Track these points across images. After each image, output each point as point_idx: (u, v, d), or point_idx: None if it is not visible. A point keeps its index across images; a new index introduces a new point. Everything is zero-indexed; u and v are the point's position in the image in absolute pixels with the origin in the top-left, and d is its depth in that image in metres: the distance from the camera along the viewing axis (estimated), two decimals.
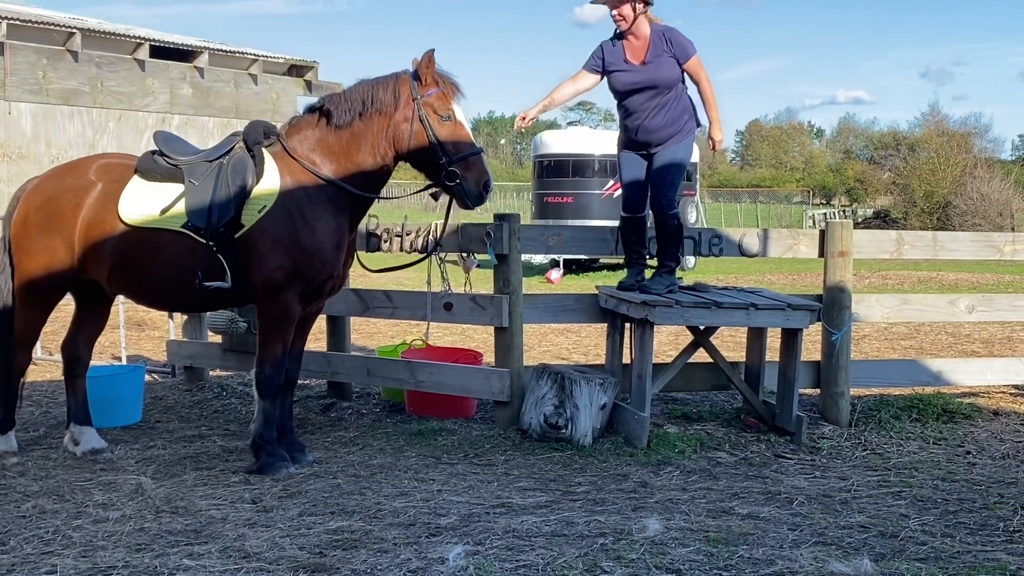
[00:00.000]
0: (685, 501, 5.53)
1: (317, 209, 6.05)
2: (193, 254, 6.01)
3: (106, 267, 6.19)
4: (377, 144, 6.08)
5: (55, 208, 6.27)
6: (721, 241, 7.75)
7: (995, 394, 8.54)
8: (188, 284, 6.04)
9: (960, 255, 8.66)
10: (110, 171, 6.37)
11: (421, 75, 6.03)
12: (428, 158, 6.05)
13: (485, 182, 6.01)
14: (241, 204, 5.96)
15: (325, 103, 6.17)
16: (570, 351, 11.26)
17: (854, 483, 5.97)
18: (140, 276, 6.20)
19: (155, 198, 6.10)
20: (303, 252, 5.99)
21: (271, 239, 5.97)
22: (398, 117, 6.03)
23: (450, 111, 6.03)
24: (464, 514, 5.23)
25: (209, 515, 5.25)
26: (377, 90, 6.06)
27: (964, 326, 12.89)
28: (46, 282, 6.35)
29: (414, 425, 7.38)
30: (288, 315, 6.14)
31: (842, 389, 7.53)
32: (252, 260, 5.98)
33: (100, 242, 6.16)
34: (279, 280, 6.00)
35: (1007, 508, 5.43)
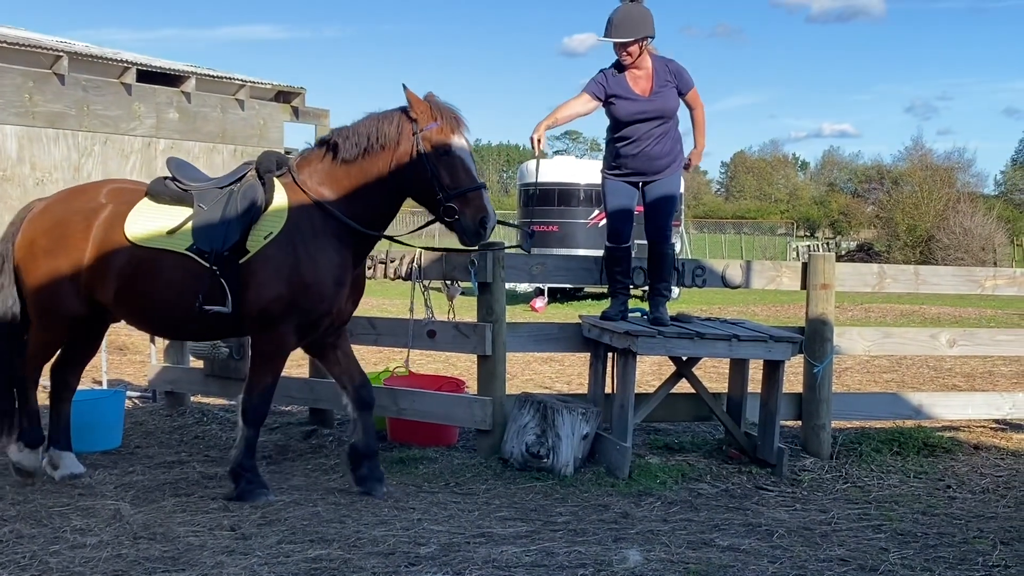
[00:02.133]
0: (666, 532, 5.52)
1: (320, 242, 6.02)
2: (196, 277, 5.98)
3: (112, 287, 6.14)
4: (382, 179, 6.06)
5: (64, 231, 6.24)
6: (704, 272, 7.78)
7: (976, 428, 8.56)
8: (189, 308, 6.00)
9: (942, 289, 8.69)
10: (121, 194, 6.36)
11: (421, 109, 5.98)
12: (427, 193, 6.01)
13: (482, 218, 5.91)
14: (247, 228, 5.95)
15: (334, 136, 6.16)
16: (553, 380, 11.26)
17: (834, 516, 5.98)
18: (142, 297, 6.16)
19: (162, 219, 6.10)
20: (302, 284, 5.96)
21: (272, 268, 5.95)
22: (400, 152, 5.99)
23: (449, 146, 5.96)
24: (444, 543, 5.21)
25: (187, 542, 5.22)
26: (382, 124, 6.03)
27: (946, 360, 12.94)
28: (58, 305, 6.30)
29: (395, 453, 7.37)
30: (282, 347, 6.12)
31: (823, 421, 7.54)
32: (250, 287, 5.96)
33: (107, 262, 6.13)
34: (276, 311, 5.97)
35: (987, 543, 5.43)
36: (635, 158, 7.01)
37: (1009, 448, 7.93)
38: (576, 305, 21.90)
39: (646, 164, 6.99)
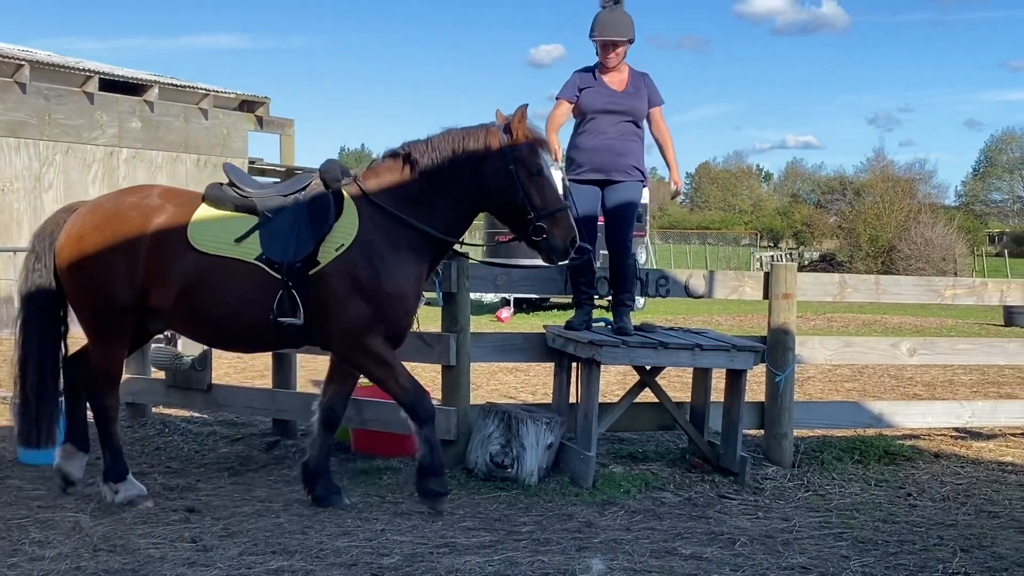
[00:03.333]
0: (629, 541, 5.53)
1: (400, 253, 5.97)
2: (263, 288, 5.88)
3: (172, 293, 5.96)
4: (462, 194, 6.05)
5: (118, 226, 6.02)
6: (668, 282, 7.81)
7: (936, 436, 8.63)
8: (254, 318, 5.92)
9: (902, 299, 8.77)
10: (175, 196, 6.24)
11: (513, 129, 5.97)
12: (516, 212, 6.01)
13: (572, 238, 5.99)
14: (320, 241, 5.87)
15: (408, 149, 6.11)
16: (518, 390, 11.25)
17: (796, 524, 6.00)
18: (205, 306, 5.99)
19: (227, 227, 5.96)
20: (386, 296, 5.91)
21: (350, 281, 5.87)
22: (487, 169, 5.98)
23: (540, 166, 6.00)
24: (407, 554, 5.19)
25: (148, 554, 5.17)
26: (467, 141, 6.02)
27: (906, 369, 13.03)
28: (114, 310, 6.07)
29: (359, 463, 7.33)
30: (383, 355, 6.02)
31: (786, 430, 7.58)
32: (330, 301, 5.88)
33: (167, 266, 5.94)
34: (363, 325, 5.91)
35: (947, 550, 5.47)
36: (597, 151, 7.05)
37: (969, 456, 8.01)
38: (542, 315, 21.91)
39: (608, 159, 7.03)
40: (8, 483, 6.74)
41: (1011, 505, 6.55)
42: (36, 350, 6.19)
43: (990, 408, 8.58)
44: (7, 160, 16.74)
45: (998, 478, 7.34)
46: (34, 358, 6.18)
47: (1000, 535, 5.81)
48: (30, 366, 6.18)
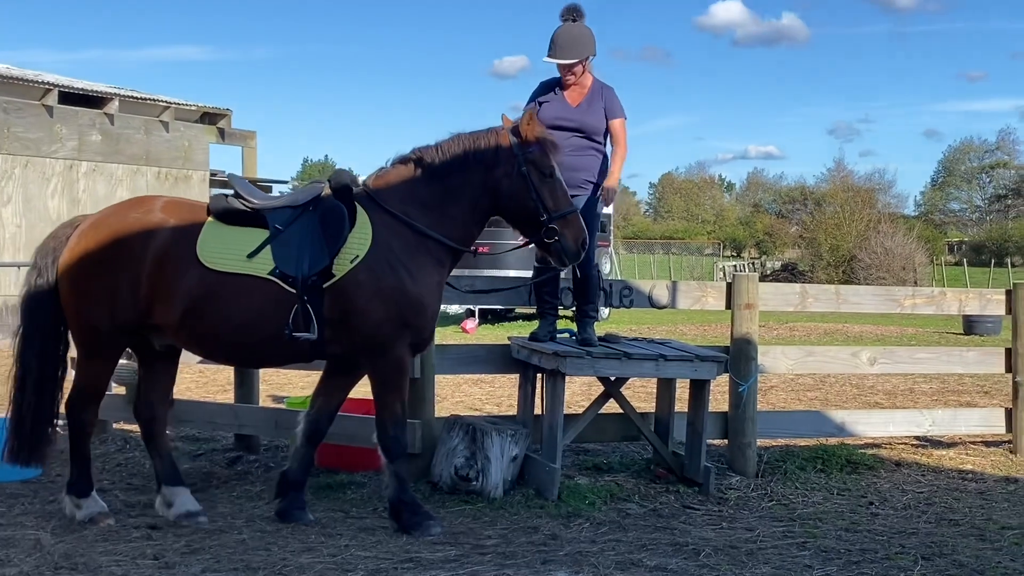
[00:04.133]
0: (594, 553, 5.52)
1: (418, 261, 5.89)
2: (276, 303, 5.74)
3: (177, 311, 5.78)
4: (474, 197, 6.00)
5: (120, 245, 5.85)
6: (632, 293, 7.84)
7: (897, 445, 8.70)
8: (266, 334, 5.79)
9: (863, 308, 8.85)
10: (179, 209, 6.05)
11: (524, 131, 5.95)
12: (528, 214, 5.99)
13: (583, 240, 6.00)
14: (337, 251, 5.77)
15: (418, 154, 6.05)
16: (483, 402, 11.23)
17: (760, 534, 6.02)
18: (214, 323, 5.81)
19: (238, 242, 5.81)
20: (410, 303, 5.83)
21: (371, 291, 5.77)
22: (499, 172, 5.95)
23: (552, 167, 5.98)
24: (371, 569, 5.17)
25: (109, 571, 5.11)
26: (478, 144, 5.98)
27: (868, 378, 13.13)
28: (111, 328, 5.89)
29: (322, 478, 7.29)
30: (403, 369, 5.96)
31: (749, 440, 7.61)
32: (352, 313, 5.78)
33: (173, 283, 5.77)
34: (388, 333, 5.82)
35: (908, 559, 5.52)
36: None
37: (930, 464, 8.07)
38: (507, 326, 21.91)
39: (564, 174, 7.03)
40: None
41: (971, 513, 6.61)
42: (35, 368, 6.03)
43: (950, 417, 8.66)
44: None
45: (958, 486, 7.41)
46: (32, 376, 6.03)
47: (961, 543, 5.86)
48: (28, 383, 6.04)
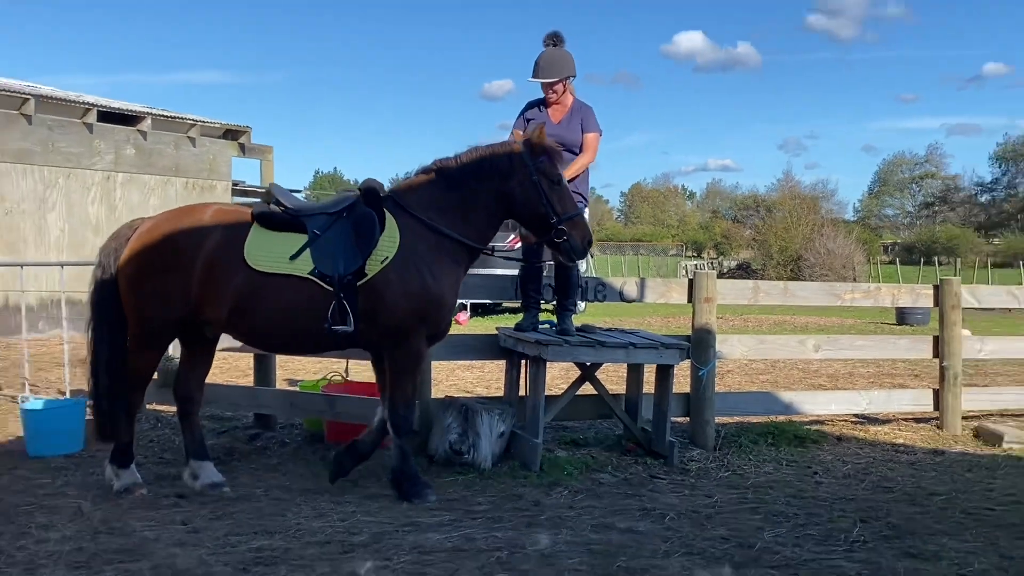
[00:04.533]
0: (572, 518, 5.53)
1: (439, 261, 5.89)
2: (315, 300, 5.74)
3: (226, 308, 5.79)
4: (491, 203, 5.99)
5: (173, 248, 5.82)
6: (605, 288, 7.85)
7: (838, 422, 8.72)
8: (309, 327, 5.78)
9: (808, 301, 8.86)
10: (227, 215, 6.01)
11: (534, 144, 5.95)
12: (539, 217, 6.00)
13: (588, 239, 6.03)
14: (368, 256, 5.77)
15: (440, 164, 6.05)
16: (474, 385, 11.22)
17: (718, 500, 6.04)
18: (261, 318, 5.81)
19: (279, 245, 5.81)
20: (431, 300, 5.82)
21: (401, 288, 5.77)
22: (513, 181, 5.94)
23: (560, 176, 6.00)
24: (375, 532, 5.16)
25: (143, 535, 5.10)
26: (492, 156, 5.98)
27: (813, 363, 13.16)
28: (163, 322, 5.89)
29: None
30: (418, 359, 5.97)
31: (708, 418, 7.63)
32: (380, 308, 5.76)
33: (222, 283, 5.76)
34: (410, 325, 5.81)
35: (848, 521, 5.53)
36: None
37: (867, 439, 8.10)
38: (495, 318, 21.89)
39: None
40: (16, 474, 6.62)
41: (903, 481, 6.63)
42: (105, 355, 6.00)
43: (885, 397, 8.69)
44: (15, 184, 16.46)
45: (892, 458, 7.44)
46: (103, 362, 6.00)
47: (894, 507, 5.88)
48: (100, 369, 6.02)
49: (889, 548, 4.98)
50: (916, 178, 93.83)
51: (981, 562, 4.74)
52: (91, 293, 6.13)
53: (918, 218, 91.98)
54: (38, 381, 10.58)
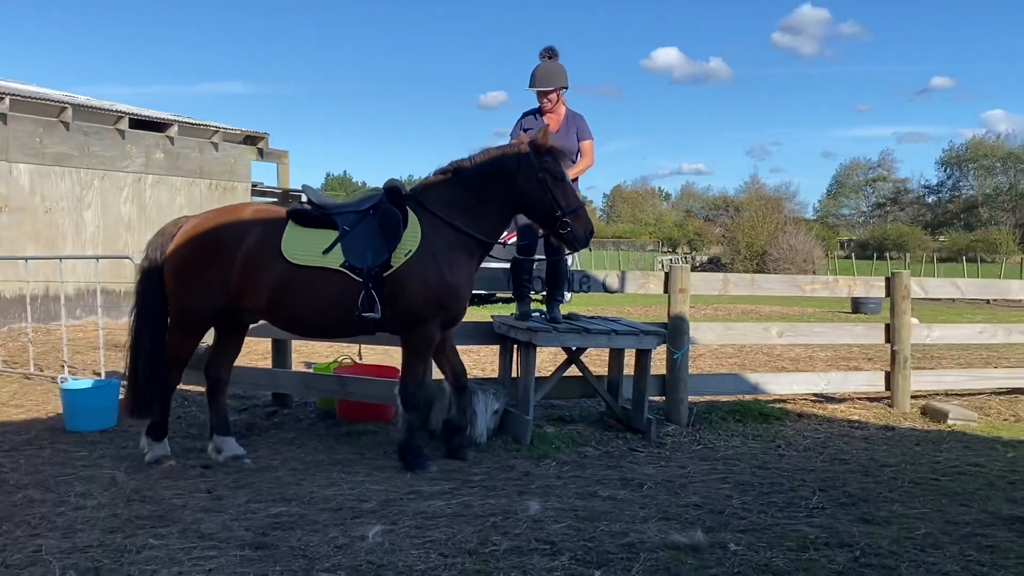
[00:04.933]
0: (559, 487, 5.54)
1: (456, 254, 5.90)
2: (346, 289, 5.76)
3: (264, 298, 5.80)
4: (501, 200, 5.99)
5: (216, 246, 5.84)
6: (589, 280, 7.84)
7: (799, 400, 8.74)
8: (340, 314, 5.80)
9: (773, 292, 8.87)
10: (264, 214, 6.02)
11: (539, 145, 5.95)
12: (545, 210, 5.98)
13: (590, 230, 6.03)
14: (393, 249, 5.78)
15: (455, 165, 6.06)
16: (471, 368, 11.14)
17: (691, 471, 6.05)
18: (297, 307, 5.82)
19: (313, 240, 5.82)
20: (447, 290, 5.83)
21: (421, 278, 5.78)
22: (521, 179, 5.93)
23: (563, 173, 6.00)
24: (383, 500, 5.17)
25: (171, 503, 5.10)
26: (502, 157, 5.98)
27: (776, 347, 13.17)
28: (204, 311, 5.90)
29: (343, 428, 7.28)
30: (430, 342, 5.96)
31: (682, 397, 7.64)
32: (401, 296, 5.77)
33: (260, 276, 5.77)
34: (426, 313, 5.82)
35: (808, 490, 5.55)
36: None
37: (825, 415, 8.12)
38: (490, 307, 21.87)
39: None
40: (57, 447, 6.60)
41: (858, 454, 6.65)
42: (146, 340, 6.01)
43: (841, 378, 8.71)
44: (54, 185, 16.37)
45: (848, 433, 7.45)
46: (143, 346, 6.01)
47: (850, 478, 5.90)
48: (140, 353, 6.02)
49: (845, 514, 5.00)
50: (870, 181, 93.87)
51: (927, 526, 4.77)
52: (137, 283, 6.13)
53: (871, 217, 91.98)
54: (76, 363, 10.55)
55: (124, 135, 17.59)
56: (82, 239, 16.83)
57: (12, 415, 7.90)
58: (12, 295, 14.96)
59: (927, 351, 12.72)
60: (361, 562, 4.07)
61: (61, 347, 10.09)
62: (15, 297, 14.81)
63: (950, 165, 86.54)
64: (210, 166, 19.52)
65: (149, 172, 18.14)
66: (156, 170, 18.28)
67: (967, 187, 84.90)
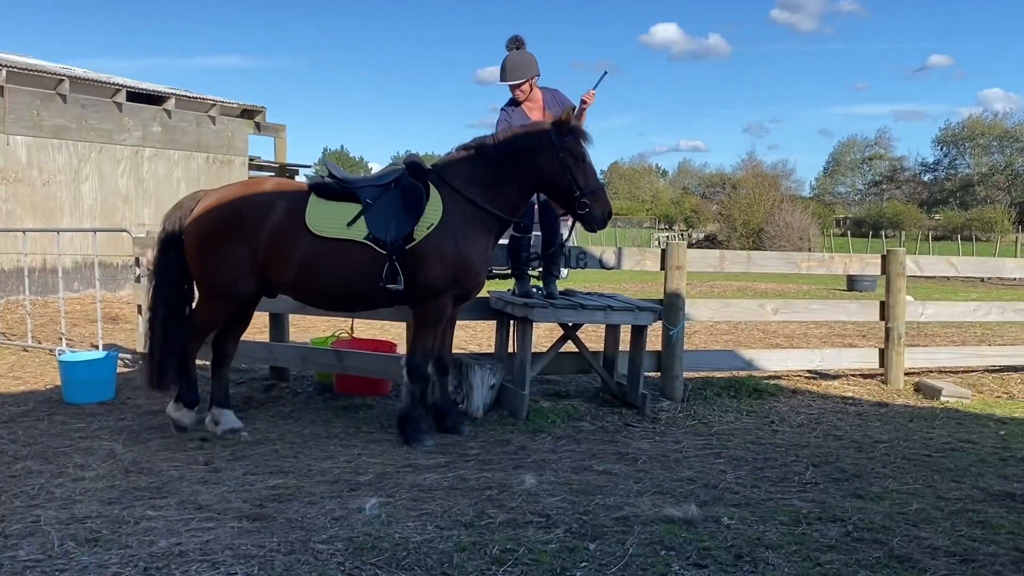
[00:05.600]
0: (555, 460, 5.56)
1: (473, 230, 5.91)
2: (370, 262, 5.77)
3: (292, 271, 5.81)
4: (522, 178, 5.99)
5: (241, 219, 5.82)
6: (586, 257, 7.83)
7: (794, 377, 8.76)
8: (364, 286, 5.82)
9: (768, 269, 8.86)
10: (287, 187, 6.02)
11: (562, 125, 5.93)
12: (564, 190, 5.98)
13: (608, 211, 6.02)
14: (416, 222, 5.79)
15: (477, 142, 6.06)
16: (467, 342, 11.21)
17: (685, 446, 6.07)
18: (322, 279, 5.84)
19: (337, 213, 5.82)
20: (463, 264, 5.86)
21: (438, 252, 5.79)
22: (542, 158, 5.93)
23: (583, 154, 5.98)
24: (379, 473, 5.18)
25: (169, 475, 5.11)
26: (525, 136, 5.97)
27: (771, 324, 13.19)
28: (232, 282, 5.86)
29: (340, 402, 7.29)
30: (442, 314, 5.99)
31: (677, 373, 7.65)
32: (419, 268, 5.79)
33: (288, 249, 5.78)
34: (442, 286, 5.85)
35: (801, 465, 5.57)
36: None
37: (819, 392, 8.14)
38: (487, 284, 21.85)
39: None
40: (55, 419, 6.61)
41: (851, 430, 6.68)
42: (163, 313, 6.02)
43: (835, 355, 8.72)
44: (51, 157, 16.31)
45: (841, 409, 7.48)
46: (161, 319, 6.02)
47: (842, 453, 5.93)
48: (158, 326, 6.03)
49: (838, 489, 5.03)
50: (866, 159, 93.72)
51: (920, 502, 4.80)
52: (155, 256, 6.14)
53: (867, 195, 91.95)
54: (73, 336, 10.55)
55: (121, 108, 17.51)
56: (80, 212, 16.79)
57: (10, 387, 7.91)
58: (10, 267, 14.93)
59: (921, 328, 12.76)
60: (358, 534, 4.08)
61: (59, 319, 10.09)
62: (13, 269, 14.78)
63: (947, 144, 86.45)
64: (207, 140, 19.44)
65: (146, 145, 18.07)
66: (153, 143, 18.21)
67: (963, 166, 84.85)
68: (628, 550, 3.94)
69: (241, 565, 3.71)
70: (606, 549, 3.96)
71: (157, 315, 6.03)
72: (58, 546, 3.92)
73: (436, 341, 6.12)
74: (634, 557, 3.87)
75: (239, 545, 3.94)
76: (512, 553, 3.87)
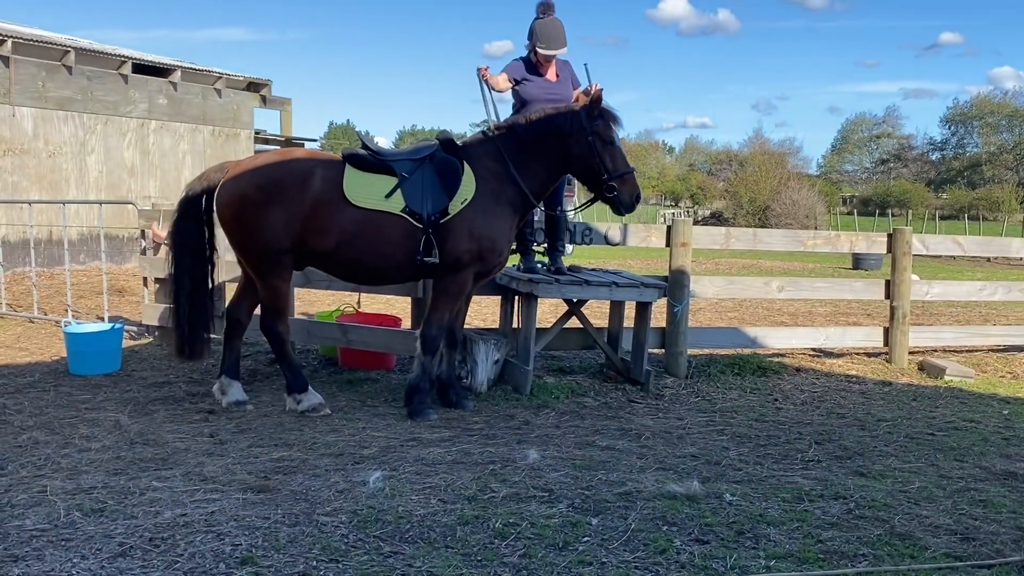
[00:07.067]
0: (558, 436, 5.58)
1: (501, 208, 5.95)
2: (406, 234, 5.80)
3: (332, 241, 5.79)
4: (551, 159, 6.01)
5: (279, 187, 5.76)
6: (591, 233, 7.81)
7: (798, 355, 8.75)
8: (399, 259, 5.85)
9: (774, 247, 8.84)
10: (319, 158, 6.01)
11: (591, 108, 5.92)
12: (593, 173, 5.99)
13: (637, 195, 6.03)
14: (452, 196, 5.82)
15: (509, 122, 6.10)
16: (472, 318, 11.18)
17: (688, 422, 6.09)
18: (360, 249, 5.83)
19: (375, 185, 5.83)
20: (489, 241, 5.90)
21: (467, 227, 5.83)
22: (572, 140, 5.94)
23: (613, 138, 5.97)
24: (383, 446, 5.20)
25: (174, 446, 5.14)
26: (556, 118, 5.98)
27: (776, 302, 13.18)
28: (274, 251, 5.80)
29: (345, 376, 7.31)
30: (463, 289, 6.03)
31: (681, 349, 7.65)
32: (447, 242, 5.82)
33: (328, 218, 5.76)
34: (466, 261, 5.88)
35: (804, 443, 5.59)
36: None
37: (823, 370, 8.14)
38: None
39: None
40: (61, 390, 6.64)
41: (855, 408, 6.69)
42: (188, 284, 6.07)
43: (840, 333, 8.72)
44: (57, 129, 16.27)
45: (845, 387, 7.48)
46: (186, 291, 6.07)
47: (846, 431, 5.94)
48: (182, 297, 6.08)
49: (841, 467, 5.04)
50: (874, 137, 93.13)
51: (922, 480, 4.81)
52: (174, 226, 6.15)
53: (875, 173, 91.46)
54: (79, 307, 10.57)
55: (127, 80, 17.45)
56: (85, 184, 16.78)
57: (17, 358, 7.94)
58: (16, 239, 14.94)
59: (926, 307, 12.73)
60: (362, 507, 4.10)
61: (65, 291, 10.10)
62: (19, 241, 14.79)
63: (955, 122, 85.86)
64: (213, 112, 19.38)
65: (152, 118, 18.02)
66: (159, 116, 18.16)
67: (972, 144, 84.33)
68: (630, 525, 3.96)
69: (245, 536, 3.73)
70: (608, 524, 3.98)
71: (182, 286, 6.07)
72: (64, 516, 3.95)
73: (452, 316, 6.12)
74: (636, 532, 3.89)
75: (244, 516, 3.96)
76: (515, 527, 3.89)
